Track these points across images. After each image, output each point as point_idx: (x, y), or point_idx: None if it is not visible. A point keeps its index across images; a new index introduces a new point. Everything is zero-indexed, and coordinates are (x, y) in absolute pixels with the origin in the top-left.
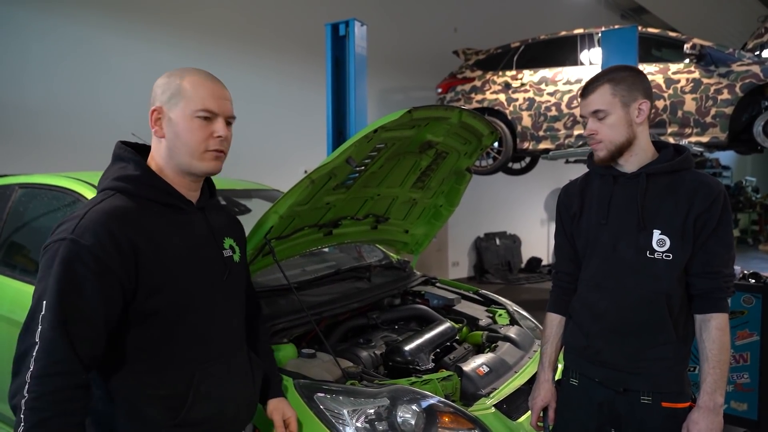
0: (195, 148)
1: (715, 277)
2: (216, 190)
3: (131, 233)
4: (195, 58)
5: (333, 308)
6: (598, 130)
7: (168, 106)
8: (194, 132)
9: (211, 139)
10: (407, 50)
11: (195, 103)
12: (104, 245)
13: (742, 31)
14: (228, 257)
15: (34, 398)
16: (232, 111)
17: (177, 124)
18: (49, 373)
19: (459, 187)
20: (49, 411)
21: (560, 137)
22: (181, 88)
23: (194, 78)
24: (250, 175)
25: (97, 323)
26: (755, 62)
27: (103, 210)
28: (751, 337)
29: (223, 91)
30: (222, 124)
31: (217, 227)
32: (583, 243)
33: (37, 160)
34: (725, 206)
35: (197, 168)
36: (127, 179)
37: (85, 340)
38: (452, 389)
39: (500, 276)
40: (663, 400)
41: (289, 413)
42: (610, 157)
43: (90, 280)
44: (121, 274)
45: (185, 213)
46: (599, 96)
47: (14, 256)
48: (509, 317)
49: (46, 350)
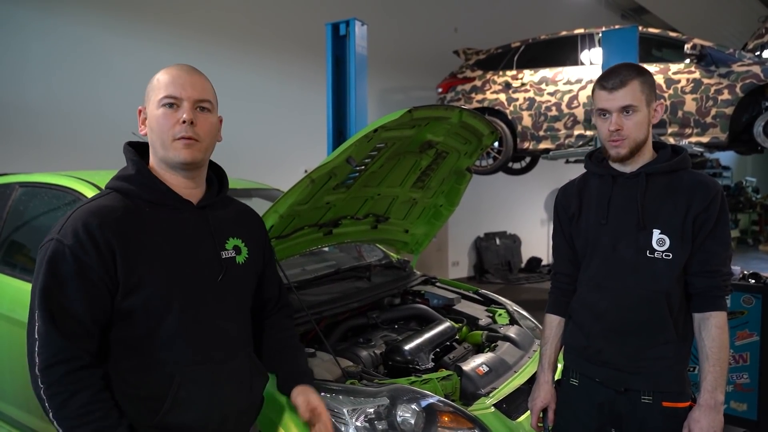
0: (165, 138)
1: (713, 275)
2: (228, 187)
3: (109, 232)
4: (195, 57)
5: (333, 308)
6: (624, 126)
7: (146, 103)
8: (160, 121)
9: (177, 125)
10: (408, 50)
11: (158, 92)
12: (83, 245)
13: (742, 32)
14: (228, 258)
15: (47, 387)
16: (202, 95)
17: (150, 117)
18: (52, 364)
19: (459, 186)
20: (66, 392)
21: (560, 137)
22: (153, 82)
23: (166, 69)
24: (251, 175)
25: (84, 320)
26: (756, 62)
27: (86, 209)
28: (751, 338)
29: (192, 77)
30: (186, 109)
31: (220, 226)
32: (583, 243)
33: (38, 159)
34: (723, 205)
35: (172, 159)
36: (123, 179)
37: (76, 336)
38: (452, 389)
39: (500, 276)
40: (664, 400)
41: (316, 401)
42: (630, 154)
43: (73, 279)
44: (101, 273)
45: (179, 212)
46: (631, 91)
47: (14, 255)
48: (509, 317)
49: (44, 345)
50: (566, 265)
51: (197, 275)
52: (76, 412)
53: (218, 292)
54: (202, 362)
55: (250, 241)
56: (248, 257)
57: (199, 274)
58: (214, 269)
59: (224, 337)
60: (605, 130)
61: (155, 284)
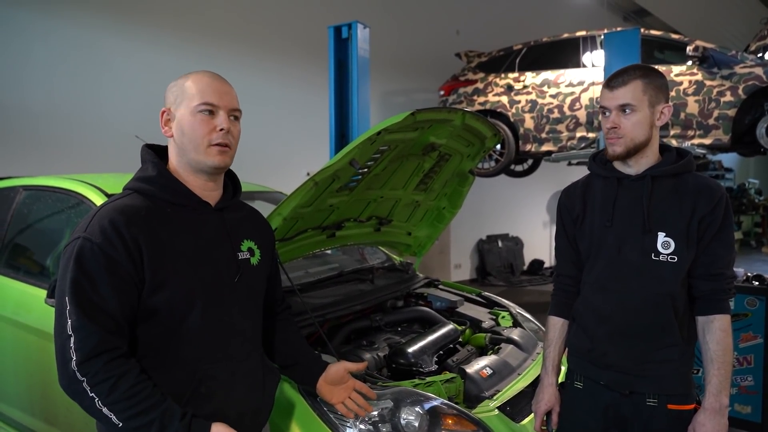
0: (199, 143)
1: (718, 278)
2: (241, 190)
3: (136, 231)
4: (198, 60)
5: (336, 310)
6: (621, 124)
7: (174, 106)
8: (197, 127)
9: (214, 132)
10: (410, 53)
11: (196, 98)
12: (112, 242)
13: (744, 33)
14: (244, 259)
15: (91, 377)
16: (235, 105)
17: (182, 121)
18: (93, 355)
19: (462, 189)
20: (113, 377)
21: (563, 139)
22: (185, 87)
23: (197, 76)
24: (253, 178)
25: (115, 315)
26: (758, 64)
27: (112, 208)
28: (755, 340)
29: (225, 86)
30: (223, 117)
31: (236, 228)
32: (587, 245)
33: (40, 162)
34: (727, 208)
35: (204, 163)
36: (144, 180)
37: (111, 330)
38: (455, 391)
39: (502, 278)
40: (669, 402)
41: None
42: (626, 154)
43: (102, 275)
44: (130, 269)
45: (199, 213)
46: (630, 90)
47: (18, 258)
48: (512, 319)
49: (83, 339)
50: (569, 267)
51: (217, 275)
52: (126, 393)
53: (235, 292)
54: (222, 360)
55: (262, 243)
56: (261, 259)
57: (218, 274)
58: (231, 270)
59: (241, 336)
60: (605, 127)
61: (180, 283)
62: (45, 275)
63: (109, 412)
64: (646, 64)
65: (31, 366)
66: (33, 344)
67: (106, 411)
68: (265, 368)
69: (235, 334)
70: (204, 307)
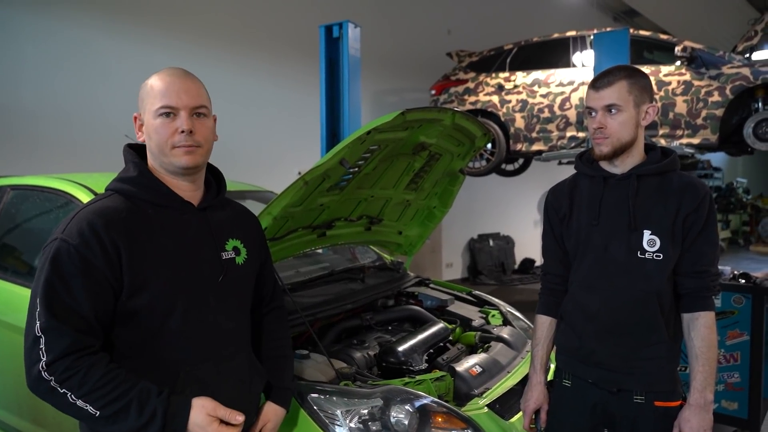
0: (163, 146)
1: (702, 276)
2: (226, 188)
3: (115, 233)
4: (190, 60)
5: (327, 309)
6: (607, 124)
7: (141, 110)
8: (158, 130)
9: (176, 134)
10: (401, 52)
11: (154, 102)
12: (89, 244)
13: (732, 34)
14: (228, 259)
15: (59, 375)
16: (198, 102)
17: (147, 126)
18: (62, 355)
19: (452, 188)
20: (81, 370)
21: (553, 139)
22: (147, 89)
23: (158, 77)
24: (244, 177)
25: (87, 317)
26: (745, 65)
27: (91, 210)
28: (742, 337)
29: (186, 83)
30: (184, 119)
31: (220, 228)
32: (574, 244)
33: (33, 162)
34: (711, 206)
35: (173, 165)
36: (125, 181)
37: (82, 332)
38: (445, 389)
39: (494, 277)
40: (656, 399)
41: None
42: (612, 153)
43: (77, 277)
44: (107, 272)
45: (181, 214)
46: (616, 91)
47: (6, 258)
48: (502, 318)
49: (53, 340)
50: (556, 266)
51: (199, 276)
52: (99, 382)
53: (219, 292)
54: (205, 360)
55: (248, 241)
56: (247, 258)
57: (201, 274)
58: (215, 270)
59: (226, 336)
60: (591, 128)
61: (160, 285)
62: (33, 275)
63: (84, 403)
64: (630, 65)
65: (18, 367)
66: (20, 345)
67: (81, 403)
68: (252, 368)
69: (219, 334)
70: (185, 308)
